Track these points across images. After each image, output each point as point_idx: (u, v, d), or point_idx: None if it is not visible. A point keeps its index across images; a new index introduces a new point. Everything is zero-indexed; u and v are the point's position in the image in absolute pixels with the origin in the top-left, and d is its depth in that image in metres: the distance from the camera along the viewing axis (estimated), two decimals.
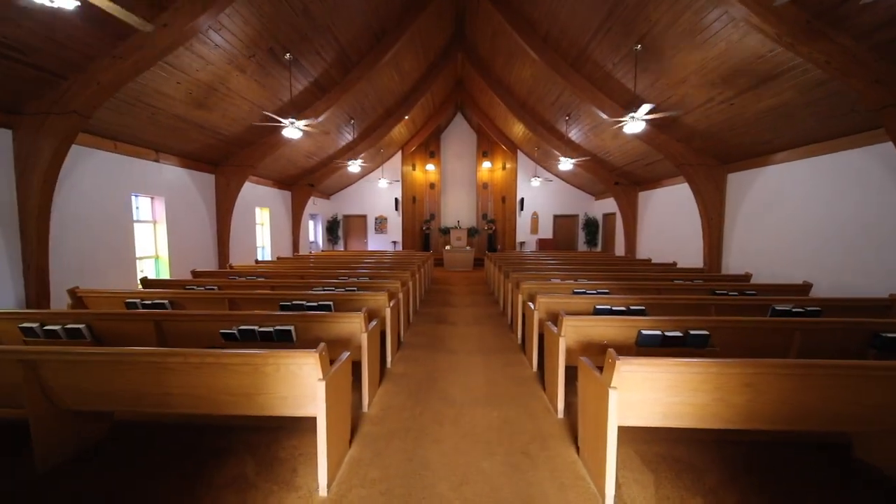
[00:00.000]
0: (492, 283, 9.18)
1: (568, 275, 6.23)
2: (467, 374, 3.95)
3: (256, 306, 4.26)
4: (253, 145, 7.79)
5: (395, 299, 4.76)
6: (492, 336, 5.41)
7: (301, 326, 3.12)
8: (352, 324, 3.11)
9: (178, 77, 5.07)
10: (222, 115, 6.32)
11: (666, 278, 5.92)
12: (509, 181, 14.87)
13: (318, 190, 13.00)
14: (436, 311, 7.02)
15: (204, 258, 7.66)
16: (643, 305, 3.87)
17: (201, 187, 7.58)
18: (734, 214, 7.19)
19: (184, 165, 7.06)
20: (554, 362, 3.14)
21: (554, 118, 9.89)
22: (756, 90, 5.06)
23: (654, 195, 10.08)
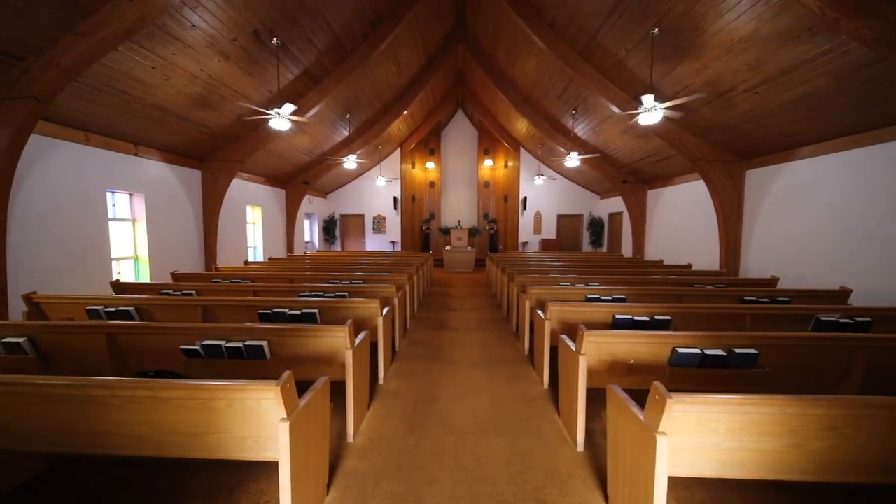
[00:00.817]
0: (494, 285, 8.73)
1: (578, 278, 5.78)
2: (470, 390, 3.50)
3: (233, 315, 3.81)
4: (241, 139, 7.35)
5: (389, 305, 4.31)
6: (496, 344, 4.97)
7: (276, 341, 2.68)
8: (335, 339, 2.67)
9: (152, 61, 4.63)
10: (205, 104, 5.87)
11: (684, 282, 5.46)
12: (511, 180, 14.42)
13: (314, 188, 12.55)
14: (435, 316, 6.58)
15: (189, 259, 7.21)
16: (667, 315, 3.42)
17: (186, 184, 7.13)
18: (753, 214, 6.74)
19: (166, 160, 6.61)
20: (571, 383, 2.69)
21: (559, 113, 9.44)
22: (786, 77, 4.61)
23: (665, 193, 9.63)
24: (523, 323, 4.76)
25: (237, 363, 2.69)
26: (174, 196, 6.86)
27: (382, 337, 3.74)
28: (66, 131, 4.93)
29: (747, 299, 4.25)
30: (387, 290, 4.72)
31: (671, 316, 3.41)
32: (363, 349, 2.98)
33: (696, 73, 5.33)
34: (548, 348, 3.57)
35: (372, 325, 3.71)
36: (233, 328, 2.73)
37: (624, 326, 3.41)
